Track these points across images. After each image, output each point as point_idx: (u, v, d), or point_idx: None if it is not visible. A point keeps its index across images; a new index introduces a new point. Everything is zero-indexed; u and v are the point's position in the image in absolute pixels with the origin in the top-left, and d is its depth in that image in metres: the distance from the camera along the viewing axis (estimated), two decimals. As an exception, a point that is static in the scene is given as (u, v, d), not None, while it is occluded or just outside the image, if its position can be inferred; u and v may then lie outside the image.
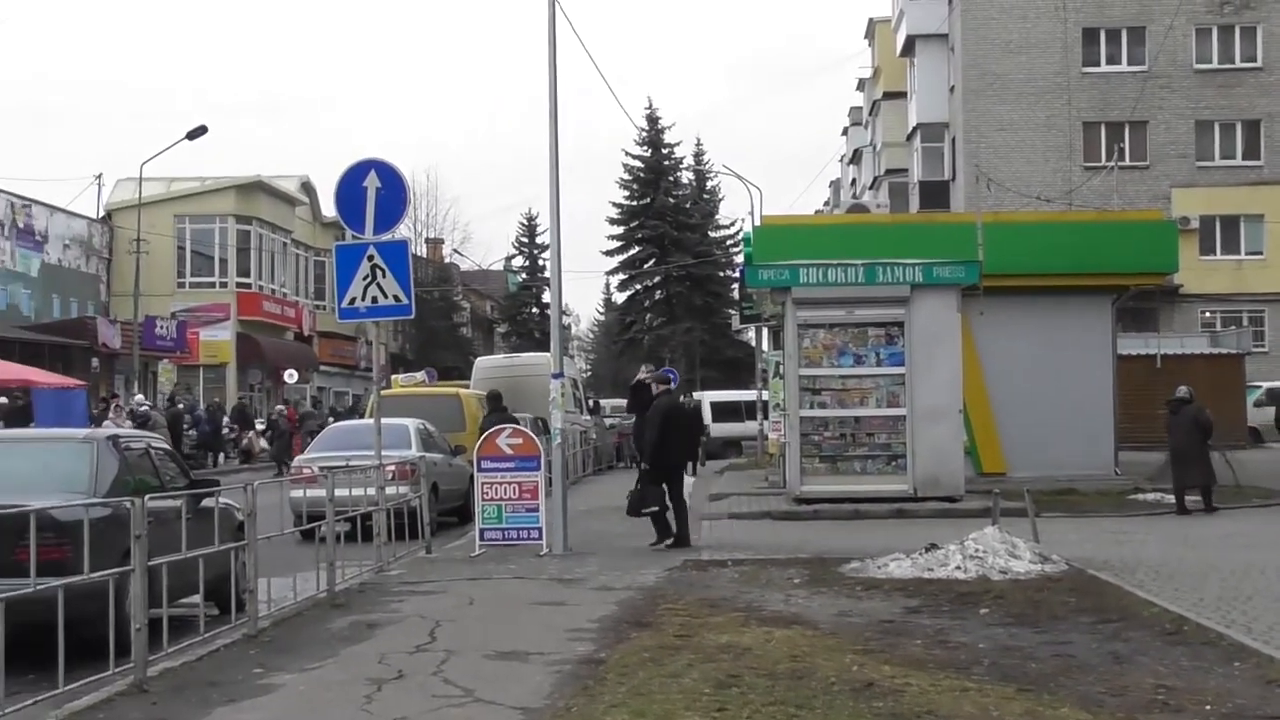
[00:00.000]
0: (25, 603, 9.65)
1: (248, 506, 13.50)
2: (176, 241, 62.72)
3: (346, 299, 17.75)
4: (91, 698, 10.14)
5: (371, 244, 17.67)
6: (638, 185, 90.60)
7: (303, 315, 70.22)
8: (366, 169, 17.79)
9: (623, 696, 9.75)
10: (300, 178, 71.71)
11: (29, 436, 17.44)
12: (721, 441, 51.17)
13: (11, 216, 54.31)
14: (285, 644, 12.61)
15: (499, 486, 19.45)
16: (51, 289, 57.11)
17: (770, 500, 26.15)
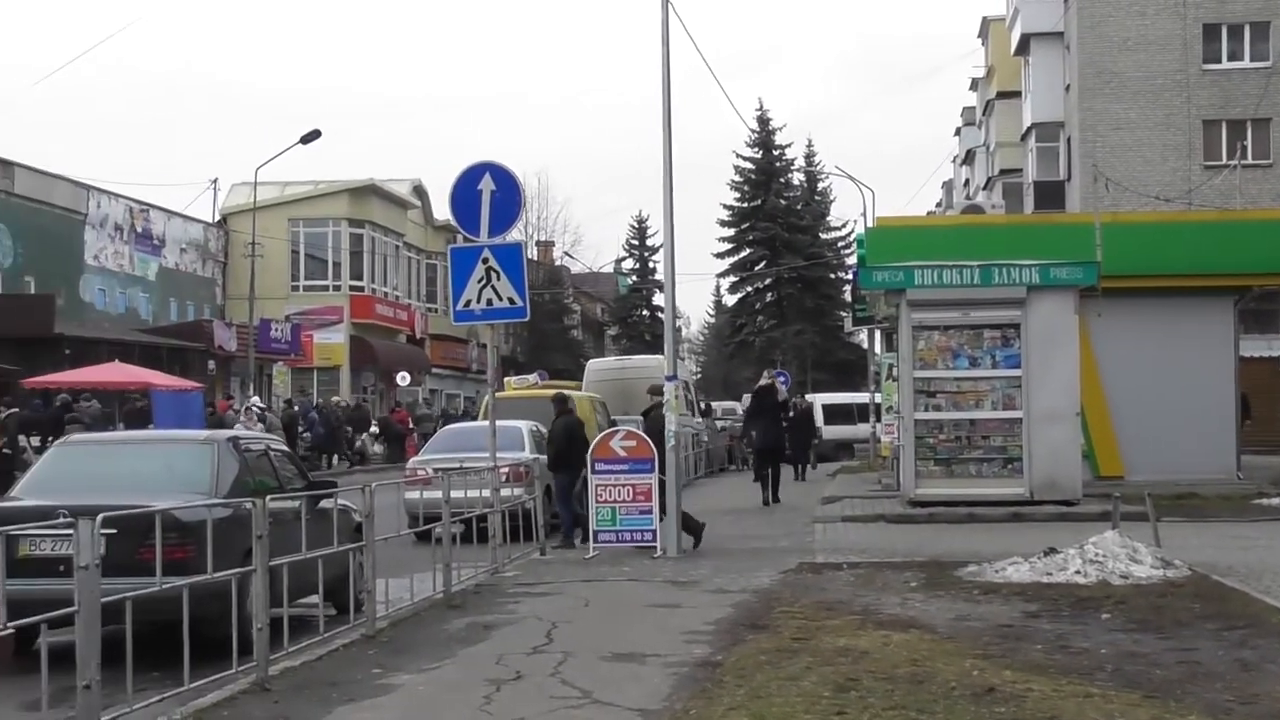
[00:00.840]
0: (151, 601, 9.77)
1: (366, 508, 13.59)
2: (290, 245, 63.42)
3: (461, 301, 17.83)
4: (215, 695, 10.25)
5: (486, 247, 17.75)
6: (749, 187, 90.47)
7: (415, 318, 70.73)
8: (481, 172, 17.87)
9: (741, 699, 9.70)
10: (412, 181, 72.26)
11: (151, 438, 17.66)
12: (834, 444, 50.95)
13: (130, 221, 55.17)
14: (403, 644, 12.68)
15: (613, 489, 19.45)
16: (169, 292, 57.94)
17: (884, 503, 25.98)
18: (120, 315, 53.57)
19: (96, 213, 52.84)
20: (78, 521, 8.65)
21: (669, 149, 20.27)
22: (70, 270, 50.68)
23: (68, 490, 12.96)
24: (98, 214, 52.91)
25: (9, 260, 47.32)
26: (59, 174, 51.39)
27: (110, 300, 53.45)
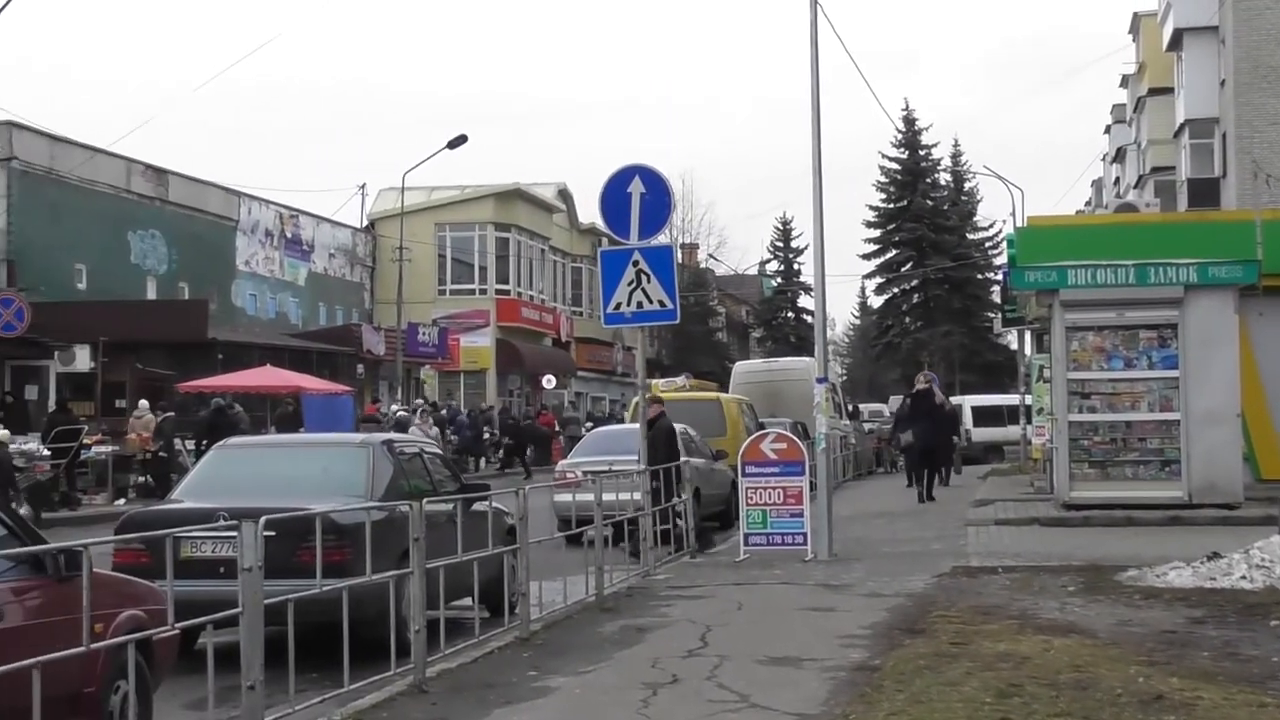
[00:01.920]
0: (310, 603, 9.84)
1: (519, 511, 13.62)
2: (437, 249, 63.97)
3: (612, 304, 17.83)
4: (374, 697, 10.31)
5: (637, 249, 17.73)
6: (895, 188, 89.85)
7: (560, 321, 71.05)
8: (631, 175, 17.86)
9: (901, 704, 9.57)
10: (558, 184, 72.60)
11: (308, 441, 17.88)
12: (983, 446, 50.39)
13: (280, 227, 56.02)
14: (557, 647, 12.68)
15: (763, 491, 19.33)
16: (318, 297, 58.73)
17: (1037, 506, 25.58)
18: (270, 320, 54.39)
19: (248, 219, 53.71)
20: (241, 524, 8.73)
21: (818, 151, 20.10)
22: (222, 276, 51.54)
23: (227, 493, 13.15)
24: (249, 220, 53.78)
25: (164, 267, 48.22)
26: (211, 181, 52.31)
27: (261, 305, 54.29)
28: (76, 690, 8.32)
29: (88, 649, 7.49)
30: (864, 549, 20.24)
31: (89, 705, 8.50)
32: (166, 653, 9.41)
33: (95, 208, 44.69)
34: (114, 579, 9.40)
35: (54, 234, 42.41)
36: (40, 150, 42.72)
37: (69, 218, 43.12)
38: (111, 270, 45.18)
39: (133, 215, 47.03)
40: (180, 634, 9.16)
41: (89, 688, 8.46)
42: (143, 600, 9.23)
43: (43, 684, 7.03)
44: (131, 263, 46.83)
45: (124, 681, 8.60)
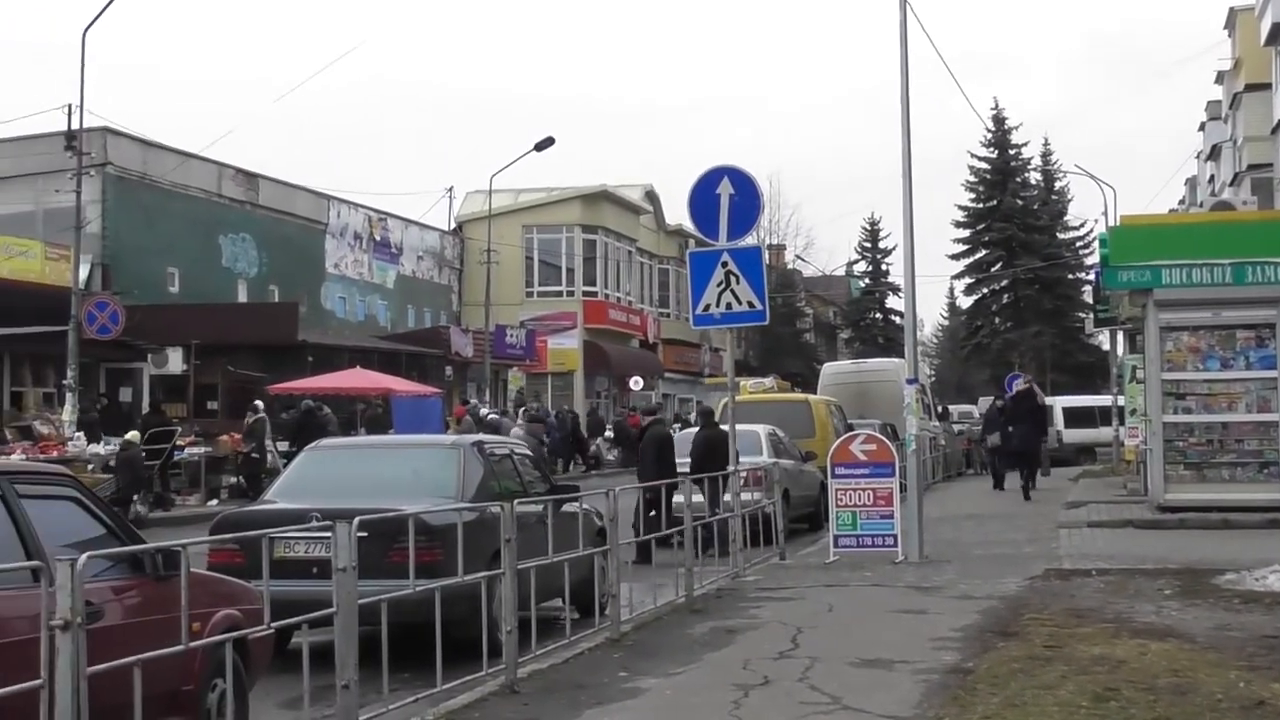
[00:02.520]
0: (403, 604, 9.88)
1: (609, 512, 13.63)
2: (524, 251, 64.18)
3: (701, 305, 17.79)
4: (466, 697, 10.34)
5: (725, 250, 17.69)
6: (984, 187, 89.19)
7: (647, 323, 71.09)
8: (720, 176, 17.81)
9: (995, 707, 9.49)
10: (644, 186, 72.66)
11: (399, 442, 17.96)
12: (1075, 448, 49.94)
13: (369, 230, 56.41)
14: (648, 648, 12.67)
15: (853, 493, 19.24)
16: (406, 300, 59.11)
17: (1130, 508, 25.33)
18: (360, 322, 54.79)
19: (336, 222, 54.14)
20: (335, 525, 8.78)
21: (908, 152, 19.95)
22: (312, 279, 51.98)
23: (319, 494, 13.24)
24: (338, 223, 54.20)
25: (254, 270, 48.69)
26: (301, 185, 52.76)
27: (350, 308, 54.70)
28: (175, 688, 8.40)
29: (186, 647, 7.56)
30: (955, 551, 20.11)
31: (187, 703, 8.58)
32: (262, 652, 9.48)
33: (187, 212, 45.20)
34: (210, 579, 9.49)
35: (147, 238, 42.92)
36: (133, 155, 43.25)
37: (162, 222, 43.62)
38: (203, 273, 45.67)
39: (224, 219, 47.53)
40: (275, 633, 9.22)
41: (187, 686, 8.54)
42: (238, 600, 9.31)
43: (143, 682, 7.10)
44: (223, 266, 47.32)
45: (221, 680, 8.67)
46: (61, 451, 27.80)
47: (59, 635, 6.41)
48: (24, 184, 42.09)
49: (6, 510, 7.66)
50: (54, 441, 29.40)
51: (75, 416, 31.71)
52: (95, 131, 38.46)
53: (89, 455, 28.29)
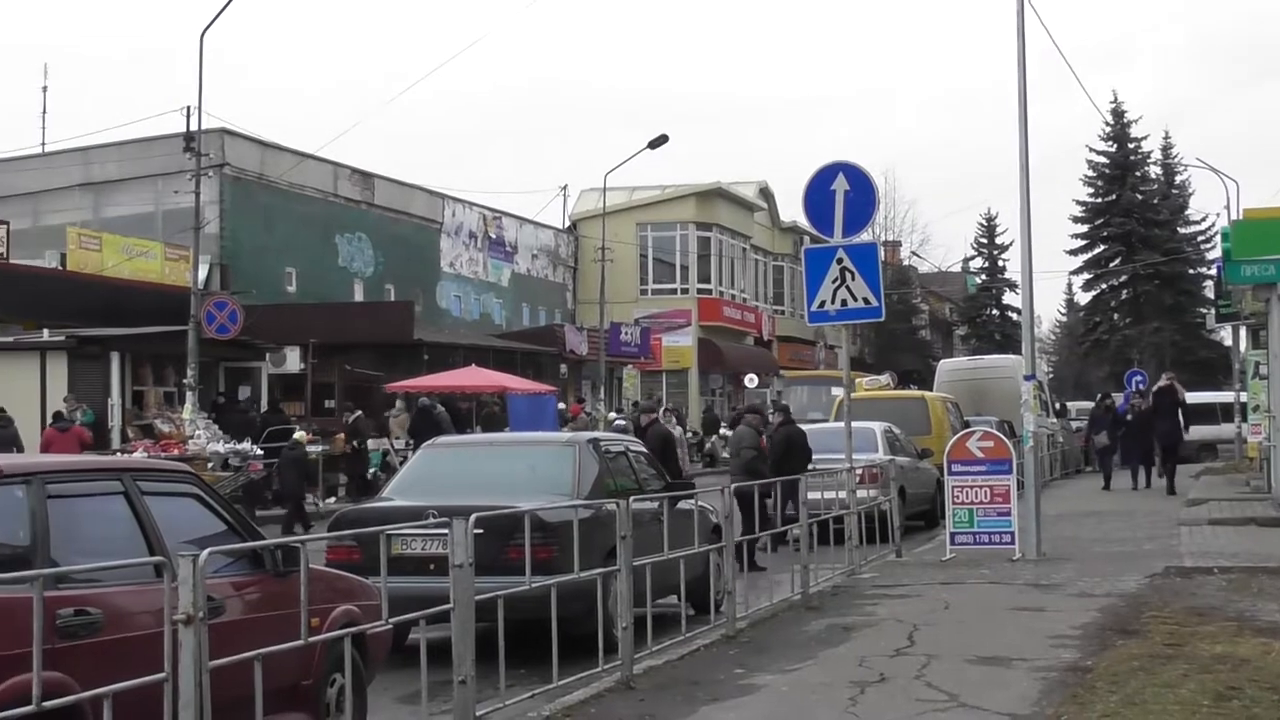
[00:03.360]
0: (519, 600, 9.93)
1: (724, 509, 13.63)
2: (639, 249, 64.29)
3: (816, 302, 17.75)
4: (582, 693, 10.38)
5: (840, 247, 17.63)
6: (1102, 182, 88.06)
7: (762, 320, 71.01)
8: (835, 172, 17.77)
9: (1115, 706, 9.38)
10: (759, 183, 72.56)
11: (515, 440, 18.05)
12: (1196, 445, 49.17)
13: (484, 229, 56.76)
14: (763, 645, 12.66)
15: (969, 490, 19.08)
16: (521, 298, 59.42)
17: (1253, 506, 24.93)
18: (475, 321, 55.16)
19: (451, 221, 54.52)
20: (452, 522, 8.84)
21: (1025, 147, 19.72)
22: (427, 277, 52.38)
23: (435, 491, 13.33)
24: (453, 222, 54.59)
25: (370, 269, 49.14)
26: (416, 184, 53.17)
27: (465, 306, 55.06)
28: (295, 682, 8.50)
29: (305, 642, 7.64)
30: (1073, 548, 19.91)
31: (307, 697, 8.68)
32: (380, 647, 9.57)
33: (304, 212, 45.71)
34: (329, 575, 9.59)
35: (265, 238, 43.46)
36: (251, 156, 43.80)
37: (279, 222, 44.15)
38: (320, 273, 46.16)
39: (340, 219, 48.02)
40: (393, 629, 9.30)
41: (306, 680, 8.63)
42: (357, 596, 9.39)
43: (263, 675, 7.19)
44: (339, 265, 47.81)
45: (340, 675, 8.77)
46: (182, 450, 28.18)
47: (181, 630, 6.51)
48: (144, 186, 42.78)
49: (130, 507, 7.79)
50: (175, 440, 29.82)
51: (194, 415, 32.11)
52: (213, 133, 38.98)
53: (209, 453, 28.66)
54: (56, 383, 31.99)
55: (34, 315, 35.22)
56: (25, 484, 7.25)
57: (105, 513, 7.77)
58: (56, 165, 44.45)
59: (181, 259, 37.90)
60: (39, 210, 43.46)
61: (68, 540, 7.32)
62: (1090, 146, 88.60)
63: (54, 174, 44.06)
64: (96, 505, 7.77)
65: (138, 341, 34.55)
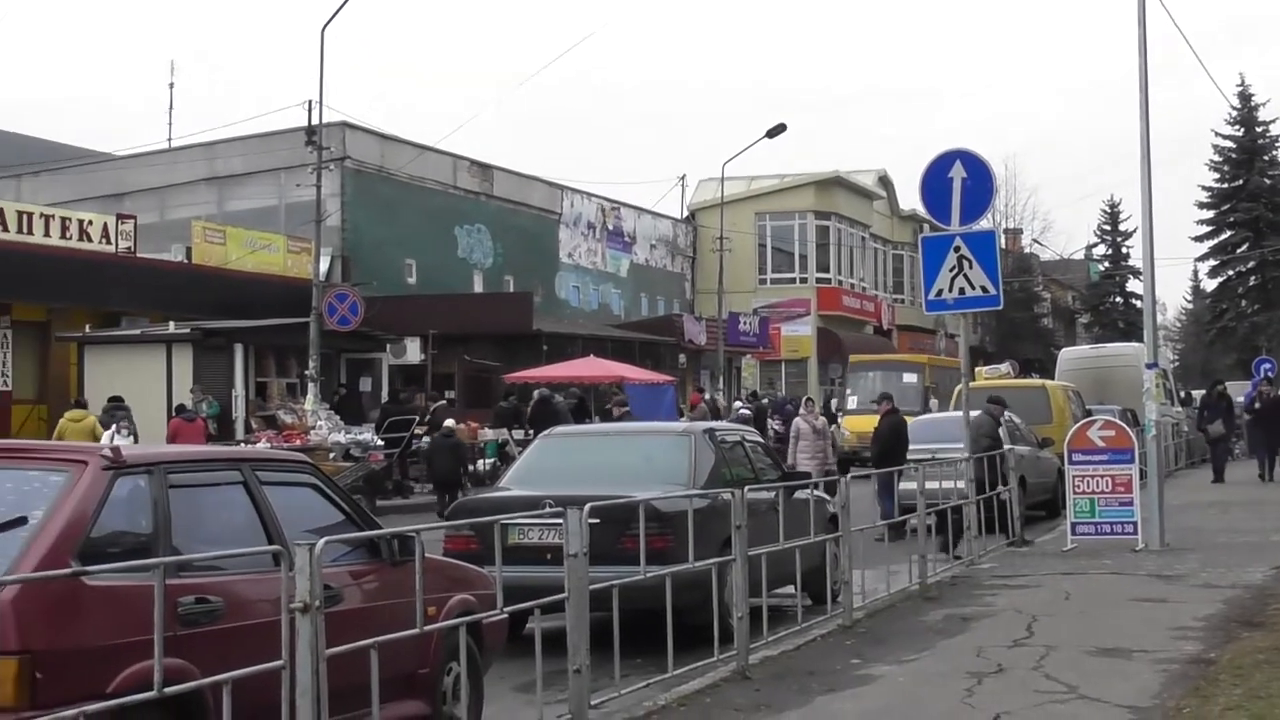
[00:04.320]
0: (634, 589, 9.95)
1: (840, 499, 13.58)
2: (757, 239, 64.25)
3: (933, 291, 17.63)
4: (698, 682, 10.38)
5: (958, 235, 17.49)
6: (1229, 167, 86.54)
7: (881, 309, 70.68)
8: (952, 160, 17.63)
9: (1239, 699, 9.25)
10: (877, 171, 72.25)
11: (630, 430, 18.08)
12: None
13: (602, 219, 56.93)
14: (880, 635, 12.61)
15: (1091, 479, 18.87)
16: (639, 288, 59.54)
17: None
18: (593, 311, 55.34)
19: (570, 212, 54.74)
20: (566, 511, 8.88)
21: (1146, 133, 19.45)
22: (546, 268, 52.63)
23: (552, 481, 13.38)
24: (571, 213, 54.80)
25: (490, 260, 49.45)
26: (535, 175, 53.43)
27: (584, 297, 55.27)
28: (412, 670, 8.57)
29: (421, 631, 7.71)
30: (1197, 539, 19.63)
31: (424, 685, 8.74)
32: (495, 636, 9.62)
33: (424, 204, 46.07)
34: (445, 564, 9.66)
35: (385, 230, 43.84)
36: (371, 149, 44.21)
37: (399, 214, 44.53)
38: (440, 264, 46.51)
39: (459, 210, 48.35)
40: (508, 618, 9.35)
41: (423, 669, 8.70)
42: (473, 585, 9.45)
43: (380, 664, 7.27)
44: (459, 257, 48.14)
45: (456, 663, 8.83)
46: (304, 440, 28.51)
47: (298, 618, 6.59)
48: (267, 179, 43.33)
49: (249, 496, 7.89)
50: (297, 430, 30.17)
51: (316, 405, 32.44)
52: (334, 126, 39.37)
53: (330, 444, 28.97)
54: (182, 375, 32.48)
55: (160, 308, 35.84)
56: (148, 474, 7.36)
57: (225, 502, 7.88)
58: (182, 161, 45.15)
59: (303, 251, 38.35)
60: (165, 205, 44.12)
61: (189, 529, 7.42)
62: (1216, 131, 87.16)
63: (180, 169, 44.76)
64: (216, 495, 7.88)
65: (261, 334, 35.02)
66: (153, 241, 38.42)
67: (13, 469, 7.37)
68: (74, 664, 6.42)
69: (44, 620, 6.38)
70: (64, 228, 34.58)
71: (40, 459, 7.47)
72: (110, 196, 42.64)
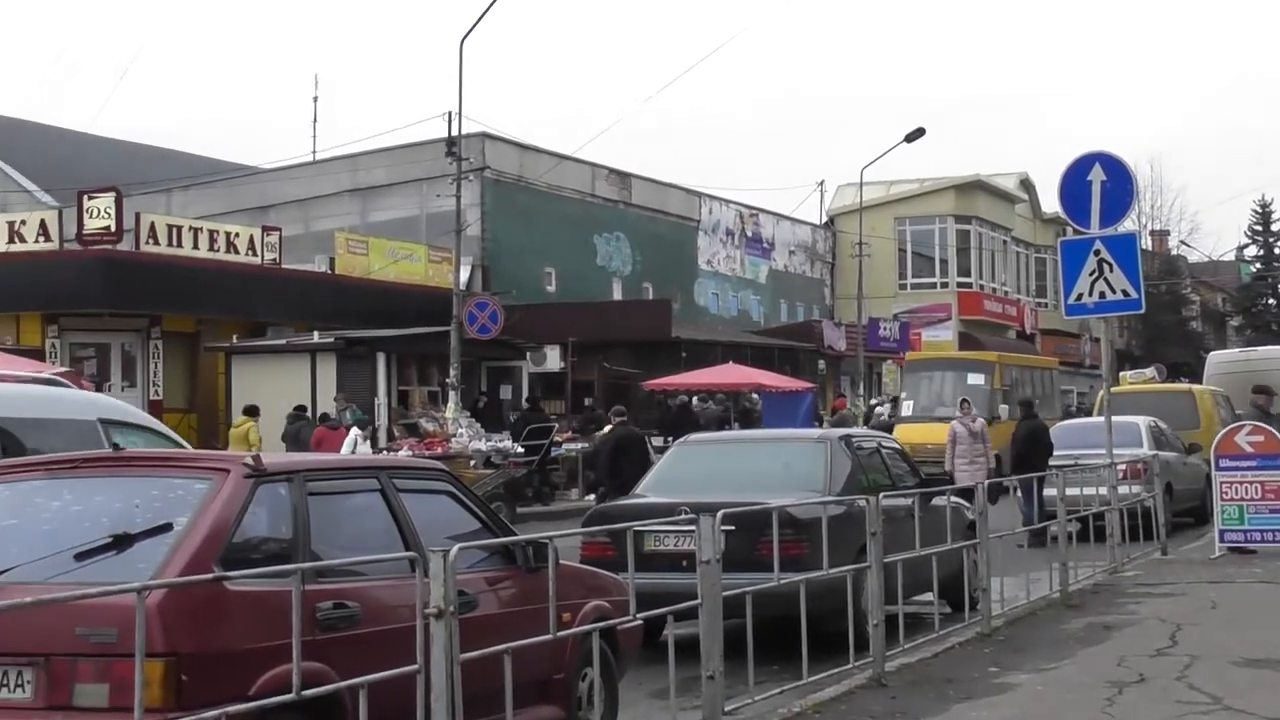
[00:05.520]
0: (768, 596, 9.96)
1: (978, 505, 13.49)
2: (897, 244, 63.92)
3: (1073, 295, 17.48)
4: (833, 690, 10.35)
5: (1098, 238, 17.31)
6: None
7: (1024, 312, 69.97)
8: (1091, 162, 17.47)
9: (1392, 712, 9.05)
10: (1019, 174, 71.54)
11: (766, 437, 18.11)
12: None
13: (741, 226, 56.92)
14: (1019, 643, 12.48)
15: (1240, 486, 18.53)
16: (778, 294, 59.45)
17: None
18: (732, 318, 55.33)
19: (708, 219, 54.79)
20: (699, 518, 8.91)
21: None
22: (685, 275, 52.68)
23: (689, 488, 13.44)
24: (709, 220, 54.85)
25: (628, 268, 49.61)
26: (672, 183, 53.53)
27: (723, 303, 55.27)
28: (547, 676, 8.64)
29: (554, 637, 7.77)
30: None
31: (559, 691, 8.81)
32: (630, 643, 9.66)
33: (562, 212, 46.33)
34: (580, 571, 9.72)
35: (524, 239, 44.15)
36: (510, 159, 44.55)
37: (538, 223, 44.82)
38: (579, 272, 46.74)
39: (598, 218, 48.57)
40: (643, 625, 9.38)
41: (558, 674, 8.77)
42: (608, 592, 9.50)
43: (515, 669, 7.33)
44: (598, 265, 48.35)
45: (591, 669, 8.88)
46: (445, 448, 28.78)
47: (433, 623, 6.68)
48: (409, 190, 43.85)
49: (386, 504, 8.01)
50: (439, 438, 30.47)
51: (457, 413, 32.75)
52: (474, 137, 39.71)
53: (471, 451, 29.22)
54: (326, 383, 32.99)
55: (305, 318, 36.42)
56: (288, 482, 7.50)
57: (362, 509, 8.00)
58: (326, 173, 45.80)
59: (444, 261, 38.72)
60: (309, 216, 44.78)
61: (327, 536, 7.55)
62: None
63: (323, 181, 45.40)
64: (354, 502, 8.02)
65: (403, 342, 35.46)
66: (297, 253, 39.02)
67: (158, 477, 7.56)
68: (217, 666, 6.57)
69: (189, 624, 6.53)
70: (212, 240, 35.27)
71: (185, 467, 7.66)
72: (256, 209, 43.35)
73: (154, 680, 6.27)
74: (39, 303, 33.35)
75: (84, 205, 33.47)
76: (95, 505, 7.35)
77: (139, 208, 36.51)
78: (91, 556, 6.80)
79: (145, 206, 38.14)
